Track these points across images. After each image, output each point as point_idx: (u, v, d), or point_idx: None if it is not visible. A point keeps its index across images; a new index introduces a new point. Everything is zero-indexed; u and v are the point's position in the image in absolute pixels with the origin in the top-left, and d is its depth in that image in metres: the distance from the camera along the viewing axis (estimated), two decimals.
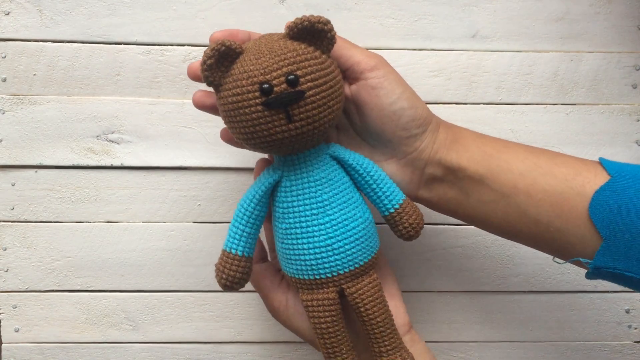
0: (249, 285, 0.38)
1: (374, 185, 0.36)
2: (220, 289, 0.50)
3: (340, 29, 0.47)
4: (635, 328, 0.50)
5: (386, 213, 0.37)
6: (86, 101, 0.47)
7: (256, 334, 0.50)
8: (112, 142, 0.47)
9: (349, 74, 0.37)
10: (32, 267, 0.49)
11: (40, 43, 0.46)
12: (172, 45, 0.46)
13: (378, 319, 0.36)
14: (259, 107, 0.31)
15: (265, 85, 0.31)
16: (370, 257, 0.36)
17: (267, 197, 0.36)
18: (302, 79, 0.31)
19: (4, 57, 0.46)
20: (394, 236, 0.39)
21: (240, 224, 0.36)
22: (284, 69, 0.31)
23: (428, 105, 0.47)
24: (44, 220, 0.48)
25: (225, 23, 0.46)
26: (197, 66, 0.36)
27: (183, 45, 0.47)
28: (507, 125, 0.48)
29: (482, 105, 0.48)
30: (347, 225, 0.35)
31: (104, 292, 0.49)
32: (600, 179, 0.34)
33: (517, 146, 0.38)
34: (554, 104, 0.48)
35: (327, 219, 0.35)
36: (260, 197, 0.35)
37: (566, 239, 0.35)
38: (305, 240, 0.35)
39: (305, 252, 0.35)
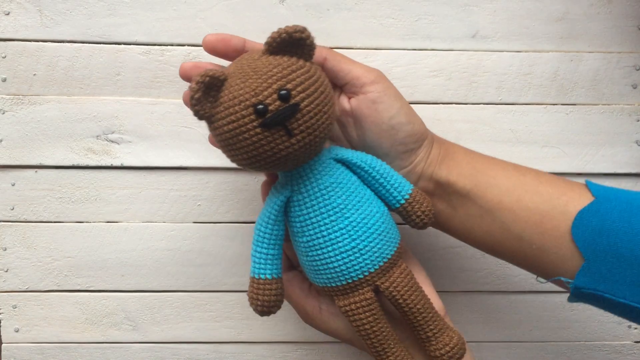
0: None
1: (382, 180, 0.36)
2: (220, 288, 0.50)
3: (340, 29, 0.47)
4: (635, 328, 0.50)
5: (397, 205, 0.37)
6: (86, 101, 0.47)
7: (256, 334, 0.50)
8: (112, 142, 0.47)
9: (347, 88, 0.37)
10: (32, 267, 0.49)
11: (40, 43, 0.46)
12: (172, 45, 0.46)
13: (418, 306, 0.35)
14: (258, 130, 0.31)
15: (260, 106, 0.30)
16: (396, 248, 0.36)
17: (282, 215, 0.36)
18: (293, 92, 0.31)
19: (4, 57, 0.46)
20: None
21: (262, 247, 0.35)
22: (274, 86, 0.31)
23: (428, 105, 0.47)
24: (44, 220, 0.48)
25: (225, 23, 0.46)
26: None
27: (183, 45, 0.46)
28: (507, 125, 0.48)
29: (482, 105, 0.48)
30: (367, 223, 0.35)
31: (104, 292, 0.49)
32: (585, 199, 0.35)
33: (505, 164, 0.38)
34: (554, 104, 0.48)
35: (346, 222, 0.34)
36: (275, 216, 0.35)
37: (548, 258, 0.35)
38: (330, 248, 0.34)
39: (333, 259, 0.35)
